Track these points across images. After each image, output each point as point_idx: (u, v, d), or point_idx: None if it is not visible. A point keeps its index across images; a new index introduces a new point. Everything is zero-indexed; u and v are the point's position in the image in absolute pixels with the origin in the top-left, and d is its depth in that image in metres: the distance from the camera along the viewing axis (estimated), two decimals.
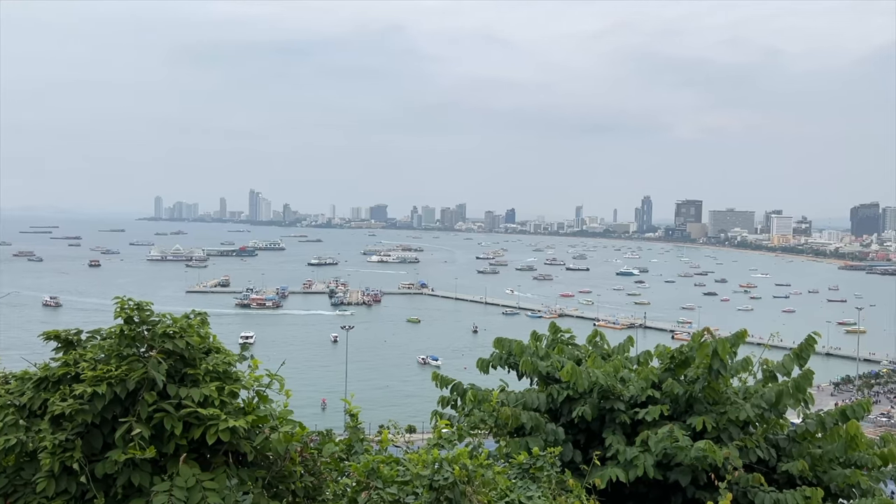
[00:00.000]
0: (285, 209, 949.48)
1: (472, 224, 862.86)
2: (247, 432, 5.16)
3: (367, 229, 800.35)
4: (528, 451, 7.01)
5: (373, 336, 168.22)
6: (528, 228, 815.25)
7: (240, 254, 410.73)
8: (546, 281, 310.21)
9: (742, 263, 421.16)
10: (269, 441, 5.23)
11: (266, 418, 5.33)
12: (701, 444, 7.52)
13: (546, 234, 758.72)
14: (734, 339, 8.84)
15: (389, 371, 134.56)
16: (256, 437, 5.23)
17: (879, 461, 8.83)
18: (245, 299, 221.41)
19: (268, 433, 5.27)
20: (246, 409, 5.38)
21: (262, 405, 5.48)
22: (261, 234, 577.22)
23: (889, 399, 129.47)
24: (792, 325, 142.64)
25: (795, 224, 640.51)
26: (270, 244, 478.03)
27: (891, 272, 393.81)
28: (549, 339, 10.85)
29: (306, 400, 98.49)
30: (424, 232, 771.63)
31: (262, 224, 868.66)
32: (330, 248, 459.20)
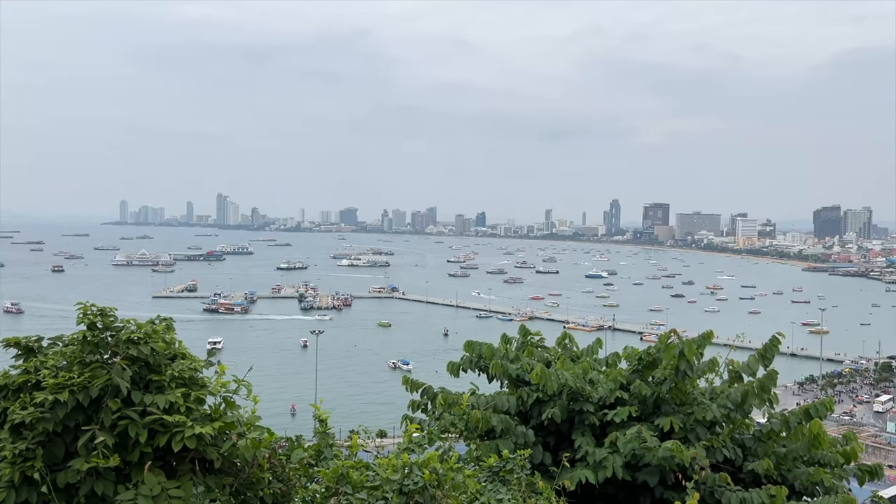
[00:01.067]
0: (254, 213, 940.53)
1: (443, 227, 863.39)
2: (214, 439, 5.09)
3: (336, 233, 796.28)
4: (499, 454, 7.02)
5: (343, 341, 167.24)
6: (499, 232, 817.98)
7: (207, 258, 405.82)
8: (516, 284, 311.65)
9: (708, 265, 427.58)
10: (236, 447, 5.16)
11: (233, 424, 5.27)
12: (668, 444, 7.59)
13: (516, 238, 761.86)
14: (700, 341, 8.95)
15: (360, 376, 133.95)
16: (223, 444, 5.16)
17: (842, 459, 8.99)
18: (213, 304, 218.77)
19: (235, 439, 5.21)
20: (213, 415, 5.30)
21: (230, 411, 5.41)
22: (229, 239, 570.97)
23: (851, 398, 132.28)
24: (757, 326, 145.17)
25: (760, 226, 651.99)
26: (238, 248, 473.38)
27: (852, 273, 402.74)
28: (519, 341, 10.87)
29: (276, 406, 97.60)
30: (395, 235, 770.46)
31: (230, 228, 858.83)
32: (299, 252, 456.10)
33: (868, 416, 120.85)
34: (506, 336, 10.83)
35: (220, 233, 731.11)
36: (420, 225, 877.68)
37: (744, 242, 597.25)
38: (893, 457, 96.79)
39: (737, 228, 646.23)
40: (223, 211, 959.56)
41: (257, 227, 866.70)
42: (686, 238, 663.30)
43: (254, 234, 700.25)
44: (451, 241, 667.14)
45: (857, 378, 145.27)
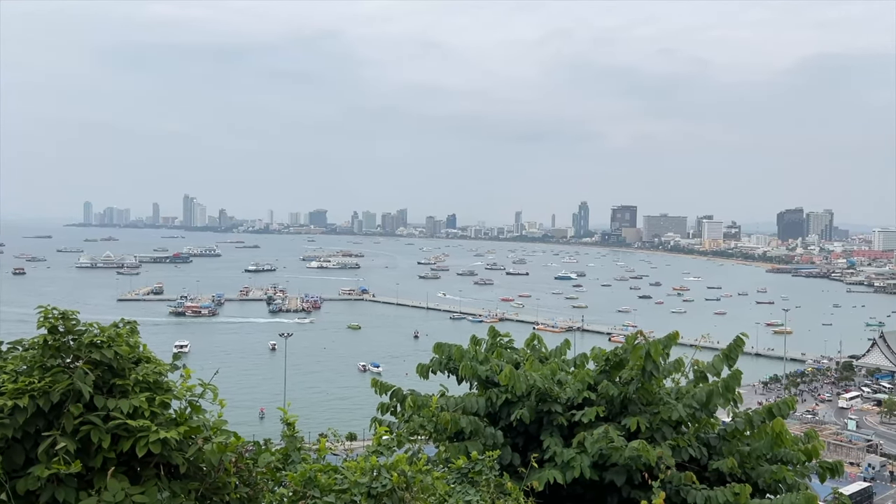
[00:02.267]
0: (221, 214, 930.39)
1: (414, 229, 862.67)
2: (179, 443, 5.02)
3: (306, 235, 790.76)
4: (467, 456, 7.03)
5: (312, 343, 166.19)
6: (469, 233, 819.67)
7: (174, 260, 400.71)
8: (487, 285, 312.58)
9: (675, 267, 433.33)
10: (202, 452, 5.10)
11: (199, 429, 5.20)
12: (635, 444, 7.68)
13: (487, 239, 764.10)
14: (666, 341, 9.07)
15: (329, 379, 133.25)
16: (189, 449, 5.09)
17: (804, 457, 9.17)
18: (179, 307, 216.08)
19: (201, 444, 5.14)
20: (178, 419, 5.22)
21: (195, 415, 5.34)
22: (195, 241, 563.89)
23: (814, 397, 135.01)
24: (723, 327, 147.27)
25: (725, 229, 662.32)
26: (206, 250, 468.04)
27: (814, 275, 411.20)
28: (489, 343, 10.90)
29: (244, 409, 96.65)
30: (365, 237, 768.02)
31: (197, 230, 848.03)
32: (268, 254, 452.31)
33: (830, 415, 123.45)
34: (475, 338, 10.85)
35: (186, 234, 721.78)
36: (390, 227, 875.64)
37: (710, 244, 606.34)
38: (854, 454, 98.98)
39: (703, 230, 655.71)
40: (190, 212, 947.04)
41: (225, 228, 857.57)
42: (653, 240, 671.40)
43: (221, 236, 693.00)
44: (421, 243, 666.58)
45: (819, 377, 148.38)
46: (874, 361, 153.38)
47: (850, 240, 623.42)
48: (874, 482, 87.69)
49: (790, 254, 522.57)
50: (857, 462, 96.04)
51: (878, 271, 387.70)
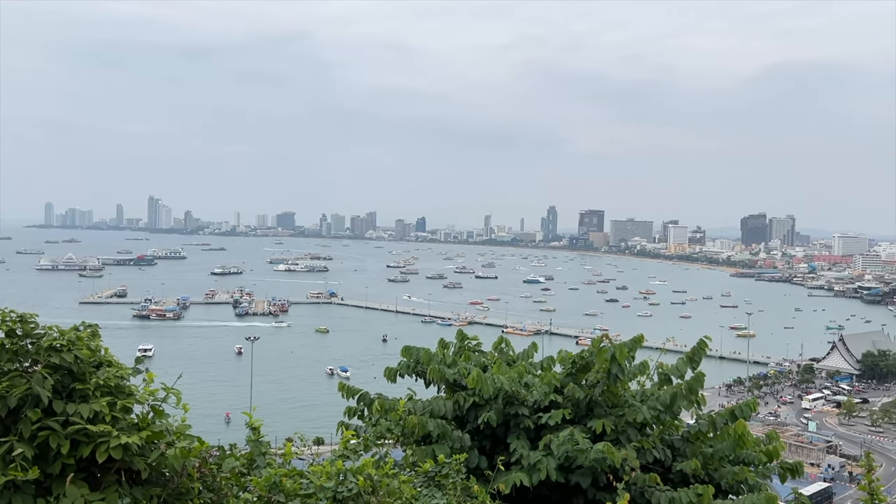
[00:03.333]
0: (187, 216, 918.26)
1: (383, 232, 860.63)
2: (141, 449, 4.94)
3: (273, 237, 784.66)
4: (434, 459, 7.03)
5: (279, 347, 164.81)
6: (439, 237, 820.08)
7: (138, 263, 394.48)
8: (456, 289, 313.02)
9: (641, 271, 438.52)
10: (164, 457, 5.02)
11: (162, 434, 5.12)
12: (600, 446, 7.74)
13: (456, 243, 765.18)
14: (631, 344, 9.17)
15: (297, 383, 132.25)
16: (151, 454, 5.01)
17: (765, 458, 9.33)
18: (143, 310, 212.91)
19: (163, 449, 5.06)
20: (140, 424, 5.14)
21: (158, 420, 5.25)
22: (160, 243, 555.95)
23: (776, 399, 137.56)
24: (688, 330, 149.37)
25: (691, 233, 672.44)
26: (171, 253, 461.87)
27: (777, 279, 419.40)
28: (457, 346, 10.91)
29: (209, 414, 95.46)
30: (334, 240, 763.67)
31: (162, 232, 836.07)
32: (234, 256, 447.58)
33: (792, 416, 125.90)
34: (443, 341, 10.86)
35: (151, 237, 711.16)
36: (360, 230, 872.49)
37: (675, 249, 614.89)
38: (814, 455, 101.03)
39: (668, 235, 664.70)
40: (155, 214, 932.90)
41: (191, 230, 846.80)
42: (620, 244, 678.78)
43: (187, 238, 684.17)
44: (391, 246, 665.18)
45: (781, 380, 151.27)
46: (834, 364, 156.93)
47: (811, 245, 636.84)
48: (834, 482, 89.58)
49: (753, 258, 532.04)
50: (817, 463, 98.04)
51: (838, 276, 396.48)
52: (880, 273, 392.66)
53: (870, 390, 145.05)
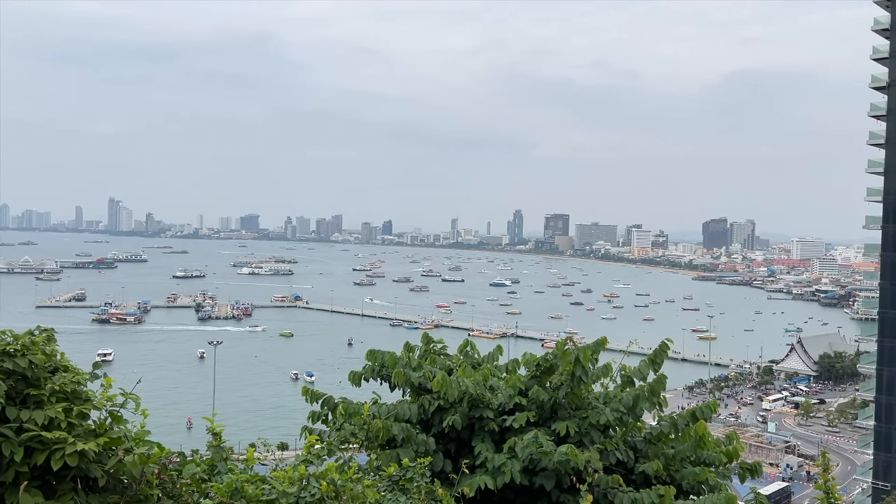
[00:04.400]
0: (148, 218, 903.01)
1: (349, 235, 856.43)
2: (98, 455, 4.84)
3: (237, 240, 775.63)
4: (399, 463, 7.01)
5: (243, 351, 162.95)
6: (406, 240, 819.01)
7: (97, 266, 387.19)
8: (423, 292, 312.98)
9: (606, 274, 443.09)
10: (122, 464, 4.92)
11: (120, 440, 5.02)
12: (564, 448, 7.79)
13: (423, 246, 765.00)
14: (595, 347, 9.25)
15: (261, 387, 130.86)
16: (109, 461, 4.91)
17: (725, 458, 9.48)
18: (103, 314, 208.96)
19: (121, 455, 4.97)
20: (97, 430, 5.03)
21: (116, 426, 5.15)
22: (121, 245, 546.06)
23: (737, 401, 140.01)
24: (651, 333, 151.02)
25: (654, 237, 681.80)
26: (131, 256, 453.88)
27: (737, 282, 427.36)
28: (422, 349, 10.90)
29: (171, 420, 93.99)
30: (299, 243, 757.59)
31: (123, 234, 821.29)
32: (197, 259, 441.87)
33: (752, 418, 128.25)
34: (408, 344, 10.84)
35: (111, 239, 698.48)
36: (325, 233, 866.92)
37: (638, 252, 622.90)
38: (773, 455, 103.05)
39: (632, 239, 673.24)
40: (115, 216, 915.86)
41: (152, 233, 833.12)
42: (585, 248, 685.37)
43: (148, 241, 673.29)
44: (357, 250, 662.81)
45: (741, 381, 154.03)
46: (792, 366, 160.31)
47: (770, 249, 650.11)
48: (792, 482, 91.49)
49: (715, 262, 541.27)
50: (776, 463, 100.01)
51: (797, 279, 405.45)
52: (836, 276, 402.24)
53: (827, 391, 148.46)
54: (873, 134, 71.65)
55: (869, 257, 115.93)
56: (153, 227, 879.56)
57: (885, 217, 69.53)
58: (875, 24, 70.86)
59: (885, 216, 69.45)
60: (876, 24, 70.83)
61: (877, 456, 69.83)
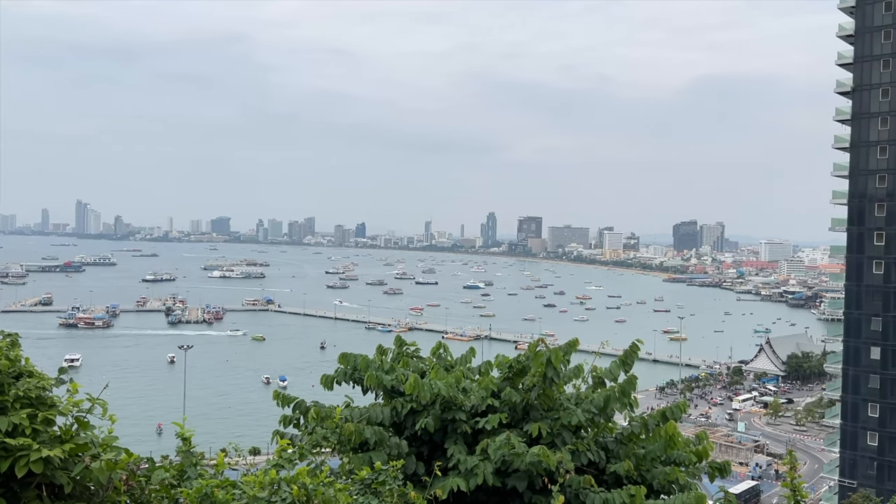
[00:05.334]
0: (117, 221, 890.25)
1: (322, 238, 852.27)
2: (64, 462, 4.76)
3: (208, 243, 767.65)
4: (371, 466, 6.98)
5: (214, 356, 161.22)
6: (379, 243, 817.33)
7: (64, 269, 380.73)
8: (396, 295, 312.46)
9: (578, 276, 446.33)
10: (89, 470, 4.85)
11: (87, 446, 4.95)
12: (535, 449, 7.82)
13: (396, 249, 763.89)
14: (566, 348, 9.30)
15: (232, 392, 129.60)
16: (75, 467, 4.84)
17: (695, 458, 9.58)
18: (70, 318, 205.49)
19: (88, 462, 4.89)
20: (63, 437, 4.95)
21: (83, 432, 5.07)
22: (89, 249, 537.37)
23: (707, 401, 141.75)
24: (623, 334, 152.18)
25: (625, 240, 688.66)
26: (100, 259, 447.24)
27: (707, 284, 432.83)
28: (395, 352, 10.88)
29: (141, 425, 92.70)
30: (271, 246, 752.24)
31: (91, 237, 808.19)
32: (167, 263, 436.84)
33: (722, 417, 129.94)
34: (381, 347, 10.81)
35: (79, 242, 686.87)
36: (298, 235, 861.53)
37: (610, 255, 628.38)
38: (743, 454, 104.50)
39: (604, 241, 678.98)
40: (83, 219, 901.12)
41: (121, 236, 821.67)
42: (558, 250, 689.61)
43: (117, 244, 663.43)
44: (329, 252, 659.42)
45: (712, 382, 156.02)
46: (761, 366, 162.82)
47: (739, 251, 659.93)
48: (761, 481, 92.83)
49: (685, 264, 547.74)
50: (745, 462, 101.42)
51: (765, 280, 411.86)
52: (804, 278, 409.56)
53: (794, 391, 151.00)
54: (838, 138, 73.17)
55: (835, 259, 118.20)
56: (122, 229, 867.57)
57: (849, 219, 71.06)
58: (840, 31, 72.44)
59: (850, 218, 70.97)
60: (841, 30, 72.41)
61: (843, 454, 71.23)
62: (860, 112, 70.07)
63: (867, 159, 69.82)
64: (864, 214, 69.81)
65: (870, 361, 69.17)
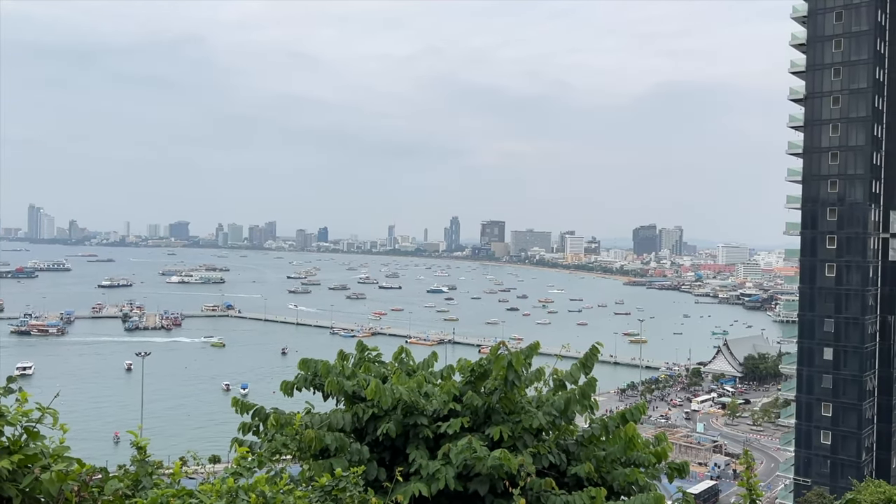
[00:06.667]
0: (71, 226, 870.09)
1: (283, 243, 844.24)
2: (12, 474, 4.62)
3: (166, 248, 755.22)
4: (332, 473, 6.92)
5: (172, 363, 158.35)
6: (342, 247, 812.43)
7: (16, 275, 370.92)
8: (359, 299, 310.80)
9: (541, 280, 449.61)
10: (39, 482, 4.72)
11: (36, 457, 4.81)
12: (497, 453, 7.83)
13: (359, 253, 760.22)
14: (528, 352, 9.34)
15: (192, 400, 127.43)
16: (24, 479, 4.70)
17: (654, 459, 9.69)
18: (23, 325, 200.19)
19: (38, 473, 4.75)
20: (11, 448, 4.81)
21: (32, 442, 4.93)
22: (42, 254, 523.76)
23: (667, 402, 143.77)
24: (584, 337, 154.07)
25: (586, 244, 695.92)
26: (54, 264, 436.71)
27: (667, 287, 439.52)
28: (356, 357, 10.80)
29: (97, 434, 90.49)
30: (231, 251, 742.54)
31: (44, 242, 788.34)
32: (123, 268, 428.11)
33: (681, 419, 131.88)
34: (342, 352, 10.71)
35: (31, 247, 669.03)
36: (258, 240, 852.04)
37: (572, 258, 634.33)
38: (702, 455, 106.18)
39: (566, 245, 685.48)
40: (36, 224, 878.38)
41: (76, 241, 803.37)
42: (520, 254, 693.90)
43: (71, 249, 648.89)
44: (291, 257, 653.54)
45: (671, 383, 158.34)
46: (719, 367, 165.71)
47: (697, 254, 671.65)
48: (720, 480, 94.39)
49: (645, 267, 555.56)
50: (704, 462, 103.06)
51: (722, 283, 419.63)
52: (760, 281, 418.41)
53: (751, 391, 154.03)
54: (792, 144, 75.00)
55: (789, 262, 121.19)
56: (77, 234, 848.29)
57: (803, 223, 72.84)
58: (792, 40, 74.31)
59: (804, 222, 72.77)
60: (793, 39, 74.29)
61: (798, 452, 72.87)
62: (812, 119, 71.94)
63: (819, 165, 71.66)
64: (817, 218, 71.64)
65: (823, 362, 70.92)
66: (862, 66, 69.52)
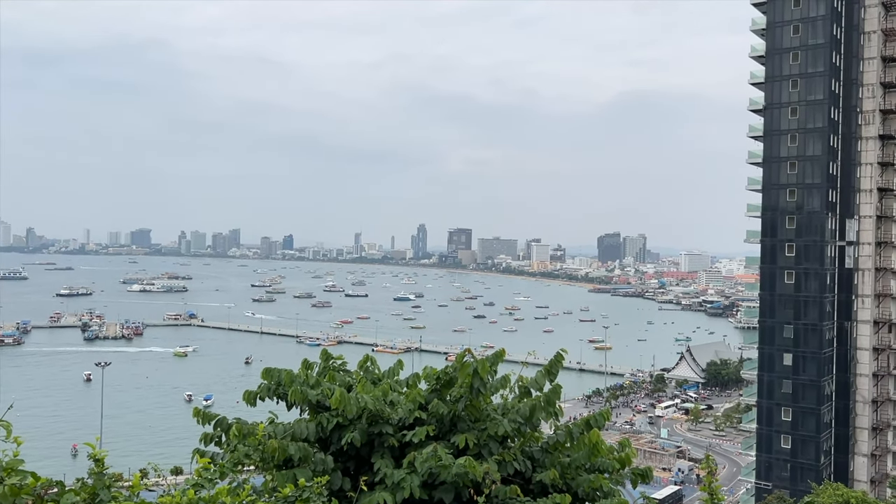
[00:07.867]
0: (29, 233, 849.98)
1: (248, 250, 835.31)
2: None
3: (127, 256, 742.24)
4: (295, 483, 6.85)
5: (133, 373, 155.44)
6: (308, 255, 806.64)
7: None
8: (325, 308, 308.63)
9: (507, 287, 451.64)
10: None
11: None
12: (462, 460, 7.82)
13: (325, 261, 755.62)
14: (493, 359, 9.34)
15: (153, 410, 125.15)
16: None
17: (618, 465, 9.76)
18: None
19: None
20: None
21: None
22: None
23: (631, 408, 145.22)
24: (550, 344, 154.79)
25: (552, 251, 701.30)
26: (10, 273, 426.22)
27: (631, 294, 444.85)
28: (321, 366, 10.70)
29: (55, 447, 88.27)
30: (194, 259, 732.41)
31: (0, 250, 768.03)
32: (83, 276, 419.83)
33: (645, 425, 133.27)
34: (307, 361, 10.61)
35: None
36: (222, 247, 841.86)
37: (538, 266, 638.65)
38: (666, 460, 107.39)
39: (532, 253, 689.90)
40: None
41: (33, 249, 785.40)
42: (487, 262, 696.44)
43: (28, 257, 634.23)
44: (255, 265, 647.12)
45: (636, 389, 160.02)
46: (682, 373, 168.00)
47: (661, 262, 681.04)
48: (683, 485, 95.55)
49: (609, 275, 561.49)
50: (668, 467, 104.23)
51: (685, 290, 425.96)
52: (721, 288, 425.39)
53: (714, 397, 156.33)
54: (752, 153, 76.61)
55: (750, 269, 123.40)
56: (34, 242, 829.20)
57: (763, 231, 74.36)
58: (752, 52, 76.04)
59: (764, 230, 74.28)
60: (753, 51, 76.03)
61: (759, 457, 74.11)
62: (771, 129, 73.57)
63: (778, 174, 73.26)
64: (777, 227, 73.18)
65: (783, 367, 72.33)
66: (818, 78, 71.36)
